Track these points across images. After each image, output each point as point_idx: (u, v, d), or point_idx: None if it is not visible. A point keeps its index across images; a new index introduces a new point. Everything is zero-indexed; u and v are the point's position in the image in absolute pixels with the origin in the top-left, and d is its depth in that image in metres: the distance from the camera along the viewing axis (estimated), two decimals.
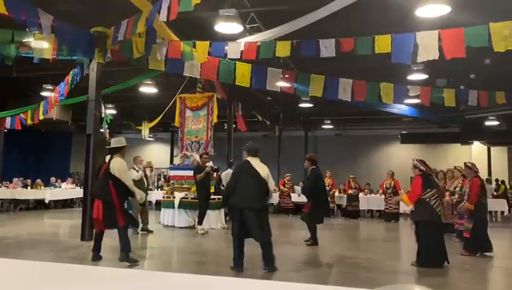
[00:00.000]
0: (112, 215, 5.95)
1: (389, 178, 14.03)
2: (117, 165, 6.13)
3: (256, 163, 5.80)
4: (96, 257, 6.38)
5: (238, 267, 5.78)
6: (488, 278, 6.14)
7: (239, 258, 5.78)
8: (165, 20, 6.73)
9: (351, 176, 15.49)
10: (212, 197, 10.55)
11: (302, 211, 9.18)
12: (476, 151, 20.78)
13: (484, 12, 7.23)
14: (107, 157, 6.34)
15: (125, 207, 6.61)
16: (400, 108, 13.77)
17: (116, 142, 6.49)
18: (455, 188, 8.70)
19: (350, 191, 15.04)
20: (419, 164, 6.68)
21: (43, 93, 13.35)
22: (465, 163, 8.08)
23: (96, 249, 6.39)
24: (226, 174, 12.74)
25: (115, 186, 6.02)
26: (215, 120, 12.21)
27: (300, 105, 16.32)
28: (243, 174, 5.80)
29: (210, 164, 10.41)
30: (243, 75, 8.82)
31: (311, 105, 16.07)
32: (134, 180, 9.86)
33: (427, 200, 6.30)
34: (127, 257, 6.10)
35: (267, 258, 5.69)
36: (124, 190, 6.14)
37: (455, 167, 9.43)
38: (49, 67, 10.53)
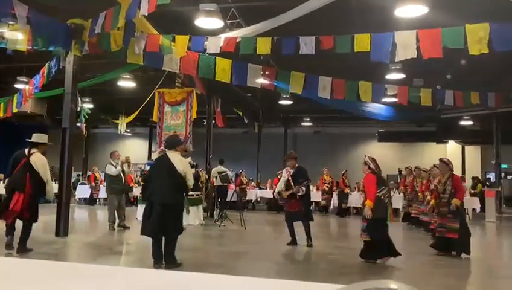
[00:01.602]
0: (32, 207, 6.29)
1: None
2: (39, 160, 6.33)
3: (173, 156, 5.54)
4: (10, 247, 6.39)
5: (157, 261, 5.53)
6: (463, 274, 6.28)
7: (156, 253, 5.53)
8: (145, 15, 6.64)
9: (343, 172, 15.42)
10: (190, 193, 10.48)
11: (289, 211, 8.02)
12: (451, 150, 21.27)
13: (461, 13, 7.37)
14: (26, 151, 6.46)
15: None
16: (375, 112, 13.83)
17: (39, 137, 6.65)
18: (435, 185, 8.59)
19: (347, 190, 15.10)
20: (370, 161, 6.52)
21: (17, 86, 13.00)
22: (440, 159, 7.74)
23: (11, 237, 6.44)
24: (215, 171, 12.73)
25: (31, 180, 6.18)
26: (194, 116, 12.13)
27: (280, 102, 16.37)
28: (159, 168, 5.61)
29: (188, 160, 10.35)
30: (223, 70, 8.79)
31: (290, 102, 16.13)
32: (111, 176, 9.79)
33: (382, 197, 6.23)
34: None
35: (167, 254, 5.47)
36: (39, 184, 6.30)
37: (434, 165, 9.15)
38: (23, 59, 10.26)
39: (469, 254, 6.96)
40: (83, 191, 17.67)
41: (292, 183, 7.83)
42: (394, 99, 10.69)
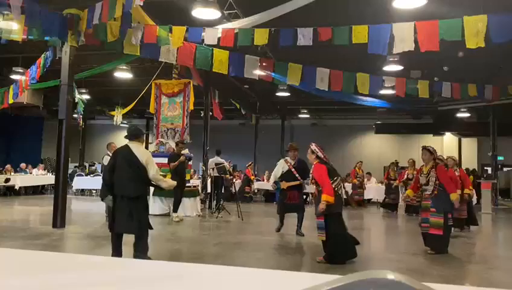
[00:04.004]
0: None
1: (410, 168, 12.53)
2: None
3: (136, 147, 5.21)
4: None
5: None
6: (459, 265, 6.33)
7: (115, 251, 5.24)
8: (141, 4, 6.60)
9: (358, 163, 14.83)
10: (187, 185, 10.51)
11: (290, 203, 7.97)
12: (448, 142, 21.35)
13: (459, 4, 7.35)
14: None
15: None
16: (374, 101, 13.82)
17: None
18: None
19: (355, 180, 14.48)
20: (317, 149, 5.92)
21: (13, 76, 12.92)
22: (423, 146, 6.97)
23: None
24: (212, 162, 12.71)
25: None
26: (191, 107, 12.09)
27: (277, 94, 16.34)
28: (120, 160, 5.21)
29: (186, 151, 10.36)
30: (221, 62, 8.75)
31: (288, 94, 16.11)
32: None
33: (336, 189, 5.69)
34: None
35: (138, 249, 5.14)
36: None
37: (448, 157, 8.92)
38: (19, 49, 10.20)
39: (446, 252, 6.52)
40: (79, 182, 17.67)
41: (297, 175, 7.89)
42: (392, 91, 10.69)
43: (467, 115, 18.43)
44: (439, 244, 6.53)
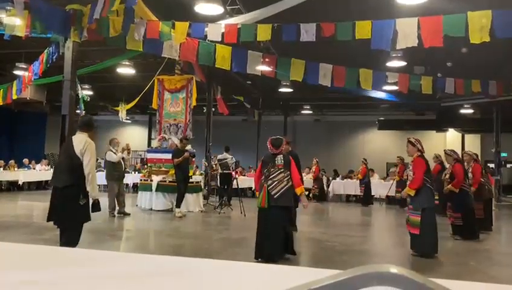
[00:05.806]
0: None
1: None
2: None
3: (76, 138, 4.96)
4: None
5: None
6: (463, 262, 6.32)
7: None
8: None
9: (397, 158, 13.88)
10: (190, 180, 10.54)
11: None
12: (451, 139, 21.26)
13: (463, 0, 7.30)
14: None
15: None
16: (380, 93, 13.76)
17: None
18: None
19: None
20: (268, 143, 5.80)
21: (16, 72, 12.94)
22: (408, 138, 6.97)
23: None
24: (219, 159, 12.75)
25: None
26: (194, 103, 12.09)
27: (280, 90, 16.32)
28: (62, 150, 5.12)
29: (189, 147, 10.37)
30: (223, 57, 8.73)
31: (290, 90, 16.09)
32: (112, 163, 9.80)
33: (262, 182, 5.68)
34: None
35: (61, 241, 4.95)
36: None
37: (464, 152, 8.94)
38: (22, 45, 10.20)
39: (430, 257, 5.96)
40: None
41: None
42: (395, 87, 10.65)
43: (470, 111, 18.36)
44: (419, 245, 6.03)
